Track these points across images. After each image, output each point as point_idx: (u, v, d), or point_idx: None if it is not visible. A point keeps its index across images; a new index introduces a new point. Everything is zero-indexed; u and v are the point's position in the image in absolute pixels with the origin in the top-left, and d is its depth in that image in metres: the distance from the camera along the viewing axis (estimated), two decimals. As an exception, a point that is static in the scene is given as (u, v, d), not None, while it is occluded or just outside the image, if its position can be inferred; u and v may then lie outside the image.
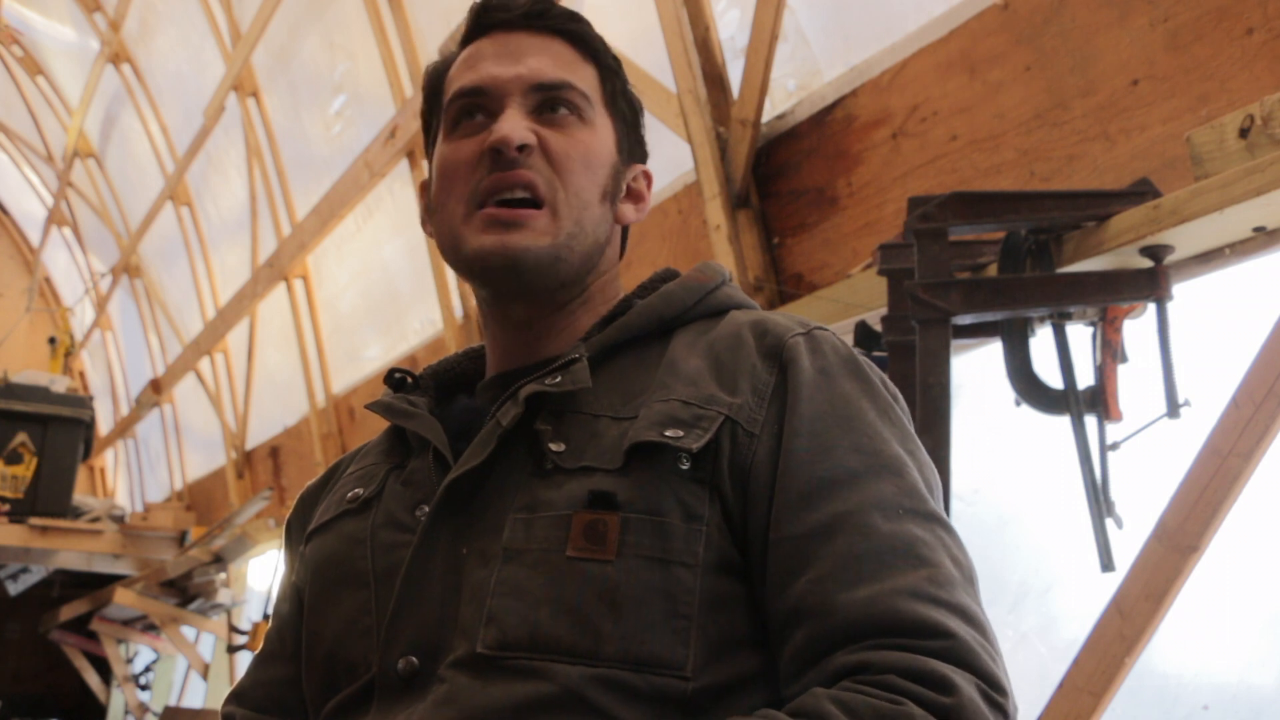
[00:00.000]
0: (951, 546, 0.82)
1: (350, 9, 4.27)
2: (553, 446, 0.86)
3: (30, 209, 9.91)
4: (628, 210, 1.02)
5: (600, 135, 0.98)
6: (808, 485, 0.82)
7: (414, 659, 0.83)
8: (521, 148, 0.92)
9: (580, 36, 1.00)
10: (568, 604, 0.80)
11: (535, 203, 0.93)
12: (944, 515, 0.84)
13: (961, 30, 2.04)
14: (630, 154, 1.03)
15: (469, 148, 0.95)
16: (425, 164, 3.62)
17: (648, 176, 1.05)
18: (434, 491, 0.89)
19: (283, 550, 1.08)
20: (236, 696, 1.01)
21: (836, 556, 0.78)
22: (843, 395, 0.87)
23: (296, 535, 1.06)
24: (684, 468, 0.83)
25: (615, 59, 1.03)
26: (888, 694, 0.72)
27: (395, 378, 1.05)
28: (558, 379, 0.88)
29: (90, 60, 7.25)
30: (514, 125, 0.93)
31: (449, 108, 0.98)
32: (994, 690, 0.74)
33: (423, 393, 1.02)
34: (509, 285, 0.96)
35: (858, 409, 0.87)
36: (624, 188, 1.01)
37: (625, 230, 1.06)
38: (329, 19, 4.61)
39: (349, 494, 0.97)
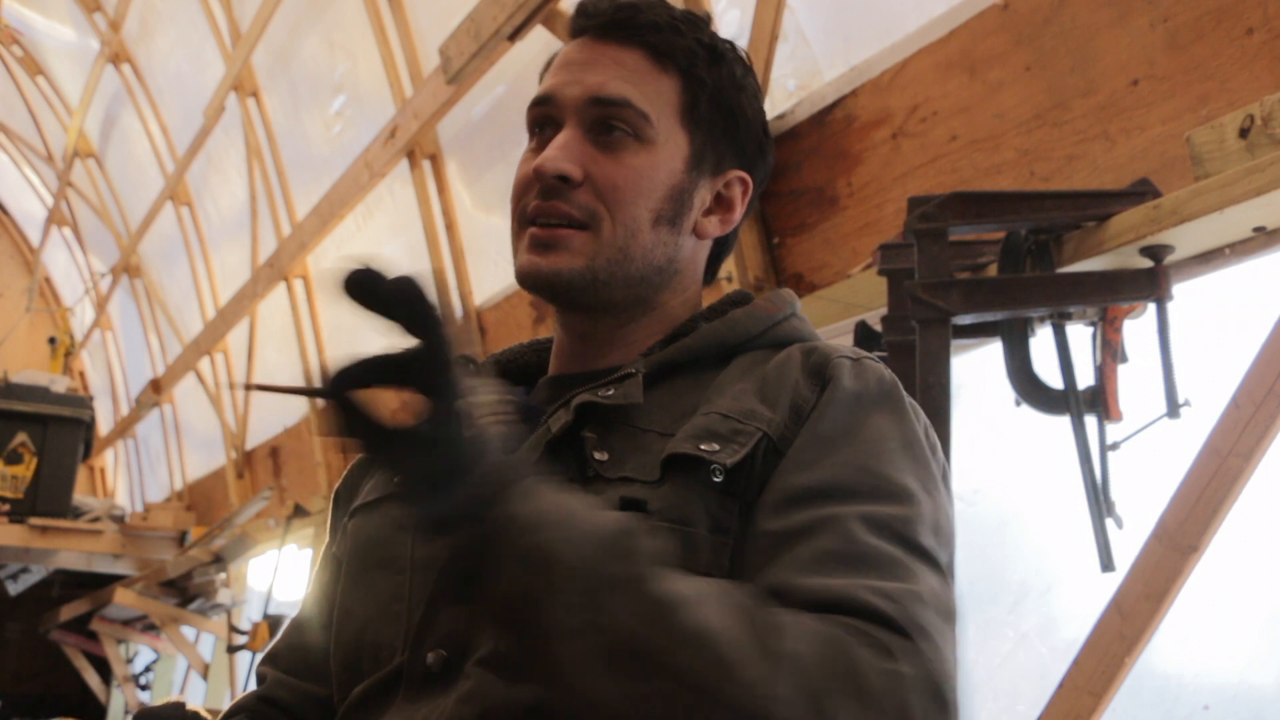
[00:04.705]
0: (936, 585, 0.76)
1: (350, 9, 4.26)
2: (596, 455, 0.86)
3: (30, 209, 9.90)
4: (710, 224, 1.00)
5: (660, 155, 0.96)
6: (799, 489, 0.80)
7: (443, 652, 0.84)
8: (563, 179, 0.93)
9: (660, 47, 0.97)
10: None
11: (577, 223, 0.93)
12: (942, 558, 0.79)
13: (961, 30, 2.04)
14: (720, 163, 1.00)
15: (528, 166, 0.96)
16: (426, 164, 3.57)
17: (743, 183, 1.02)
18: None
19: (328, 519, 1.09)
20: (271, 658, 1.04)
21: (812, 551, 0.76)
22: (869, 421, 0.86)
23: (342, 505, 1.07)
24: (717, 480, 0.83)
25: (712, 63, 0.99)
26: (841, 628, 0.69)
27: None
28: (610, 391, 0.89)
29: (90, 60, 7.24)
30: (555, 154, 0.93)
31: (527, 115, 0.99)
32: (942, 684, 0.69)
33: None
34: (553, 303, 0.98)
35: (879, 435, 0.85)
36: (704, 200, 1.00)
37: (723, 243, 1.05)
38: (329, 19, 4.61)
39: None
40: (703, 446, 0.83)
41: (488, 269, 3.75)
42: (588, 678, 0.67)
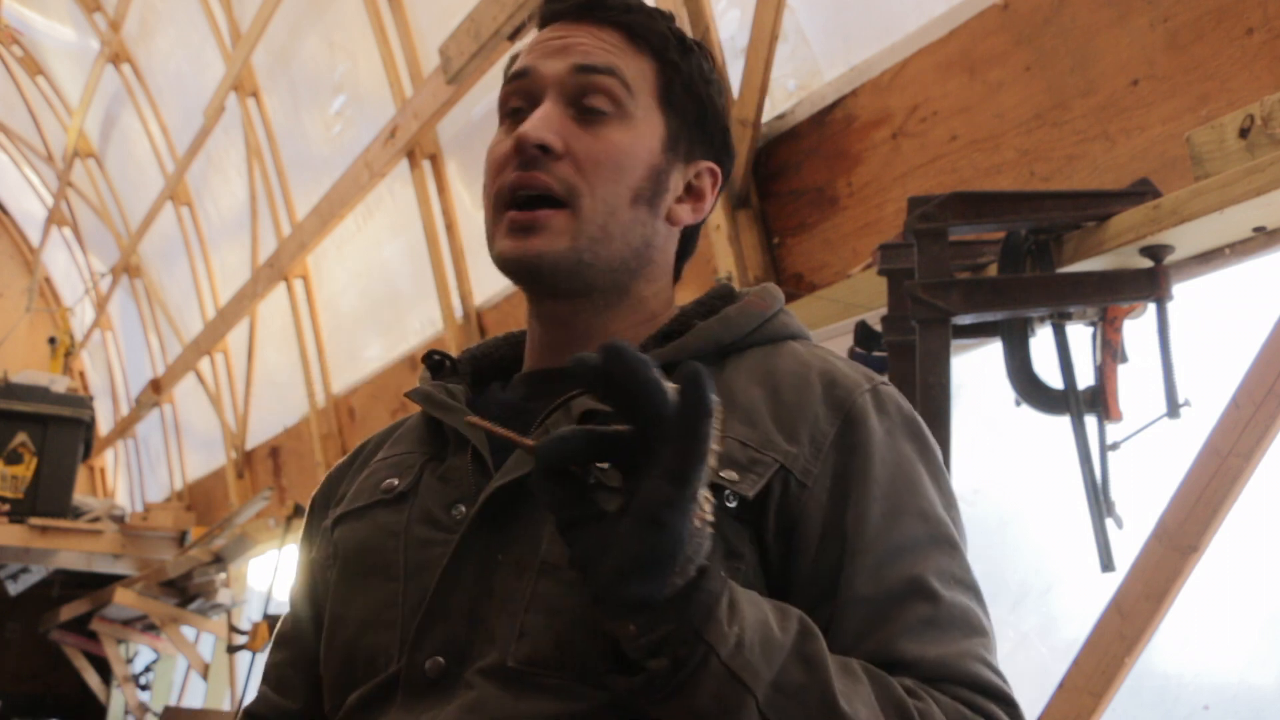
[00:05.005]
0: (984, 618, 0.87)
1: (350, 9, 4.27)
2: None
3: (30, 209, 9.91)
4: (682, 211, 1.00)
5: (639, 132, 0.95)
6: (884, 550, 0.84)
7: (441, 660, 0.84)
8: (544, 149, 0.91)
9: (635, 28, 0.97)
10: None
11: (555, 202, 0.92)
12: (979, 586, 0.89)
13: (961, 30, 2.04)
14: (691, 151, 1.00)
15: (504, 144, 0.95)
16: (426, 164, 3.56)
17: (713, 174, 1.02)
18: (471, 491, 0.89)
19: (304, 528, 1.08)
20: (264, 676, 1.05)
21: (909, 620, 0.82)
22: (905, 457, 0.89)
23: (319, 513, 1.06)
24: (730, 505, 0.83)
25: (683, 51, 0.99)
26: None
27: (434, 360, 1.03)
28: None
29: (90, 60, 7.25)
30: (537, 123, 0.92)
31: (499, 96, 0.99)
32: None
33: (459, 378, 1.01)
34: (534, 288, 0.96)
35: (918, 473, 0.89)
36: (677, 186, 0.99)
37: (691, 232, 1.04)
38: (329, 19, 4.61)
39: (384, 483, 0.96)
40: (722, 474, 0.83)
41: (488, 269, 3.73)
42: None
